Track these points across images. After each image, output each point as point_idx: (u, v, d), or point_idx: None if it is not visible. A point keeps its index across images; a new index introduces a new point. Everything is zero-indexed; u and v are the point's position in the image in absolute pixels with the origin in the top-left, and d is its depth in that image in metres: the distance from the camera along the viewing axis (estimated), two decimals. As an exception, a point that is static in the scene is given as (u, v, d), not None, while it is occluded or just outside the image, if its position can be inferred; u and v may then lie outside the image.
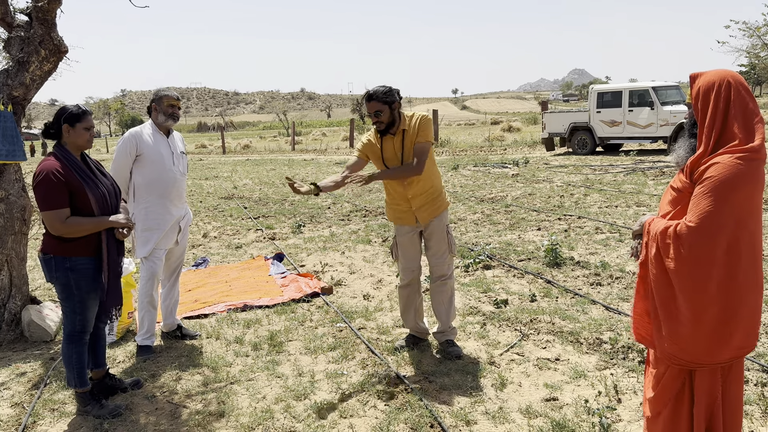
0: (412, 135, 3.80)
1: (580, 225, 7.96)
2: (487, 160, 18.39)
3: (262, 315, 5.03)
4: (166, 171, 4.20)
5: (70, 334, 3.35)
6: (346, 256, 7.04)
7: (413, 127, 3.79)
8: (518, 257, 6.45)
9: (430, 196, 3.91)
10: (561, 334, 4.26)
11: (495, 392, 3.48)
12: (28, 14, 4.52)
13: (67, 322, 3.37)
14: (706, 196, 2.04)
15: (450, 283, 4.04)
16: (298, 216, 10.06)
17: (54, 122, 3.31)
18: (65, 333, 3.37)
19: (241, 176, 18.27)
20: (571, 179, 12.77)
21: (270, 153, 32.64)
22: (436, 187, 3.93)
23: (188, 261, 7.18)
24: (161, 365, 4.10)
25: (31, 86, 4.61)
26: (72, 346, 3.35)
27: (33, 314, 4.69)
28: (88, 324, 3.39)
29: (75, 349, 3.36)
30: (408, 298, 4.12)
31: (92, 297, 3.34)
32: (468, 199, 10.75)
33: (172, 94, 4.27)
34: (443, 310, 4.04)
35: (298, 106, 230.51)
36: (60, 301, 3.36)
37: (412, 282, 4.09)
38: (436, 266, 4.01)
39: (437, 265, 4.00)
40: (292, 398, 3.52)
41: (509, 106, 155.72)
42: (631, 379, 3.51)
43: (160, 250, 4.27)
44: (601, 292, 5.17)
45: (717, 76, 2.16)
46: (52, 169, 3.17)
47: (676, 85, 17.81)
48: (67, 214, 3.19)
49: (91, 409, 3.40)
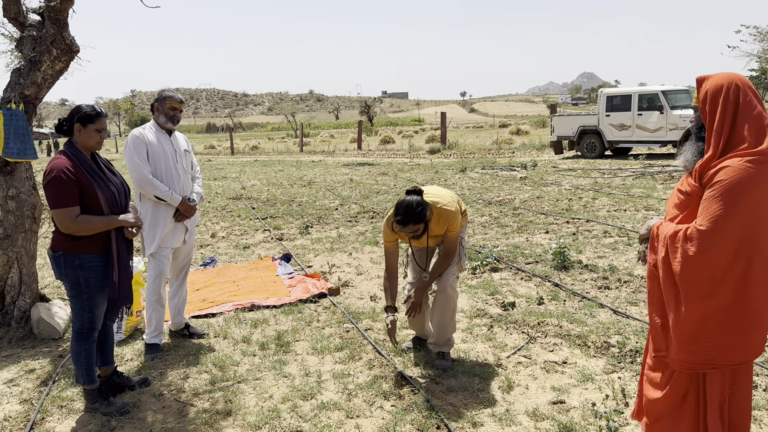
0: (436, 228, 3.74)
1: (588, 228, 7.93)
2: (495, 163, 18.36)
3: (269, 315, 5.04)
4: (169, 168, 4.23)
5: (78, 332, 3.37)
6: (353, 258, 7.05)
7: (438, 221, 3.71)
8: (526, 260, 6.43)
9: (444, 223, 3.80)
10: (568, 337, 4.25)
11: (502, 394, 3.47)
12: (41, 14, 4.55)
13: (76, 320, 3.38)
14: (717, 199, 2.03)
15: (452, 295, 3.82)
16: (306, 217, 10.08)
17: (68, 119, 3.34)
18: (74, 330, 3.39)
19: (249, 177, 18.33)
20: (579, 183, 12.73)
21: (278, 154, 32.73)
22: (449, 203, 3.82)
23: (196, 261, 7.21)
24: (169, 364, 4.11)
25: (43, 85, 4.64)
26: (81, 343, 3.37)
27: (42, 312, 4.73)
28: (97, 321, 3.41)
29: (83, 347, 3.37)
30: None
31: (101, 294, 3.35)
32: (476, 202, 10.73)
33: (175, 96, 4.27)
34: (442, 323, 3.87)
35: (306, 107, 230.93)
36: (69, 298, 3.37)
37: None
38: (443, 276, 3.87)
39: (443, 276, 3.86)
40: (298, 398, 3.53)
41: (518, 109, 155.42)
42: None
43: (167, 249, 4.29)
44: (609, 295, 5.15)
45: (725, 79, 2.15)
46: (62, 167, 3.19)
47: (686, 89, 17.72)
48: (78, 212, 3.21)
49: (98, 407, 3.42)
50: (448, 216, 3.69)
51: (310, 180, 16.35)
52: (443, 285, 3.85)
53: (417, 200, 3.54)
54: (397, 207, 3.56)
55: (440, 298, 3.87)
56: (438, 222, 3.70)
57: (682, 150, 2.35)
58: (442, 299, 3.86)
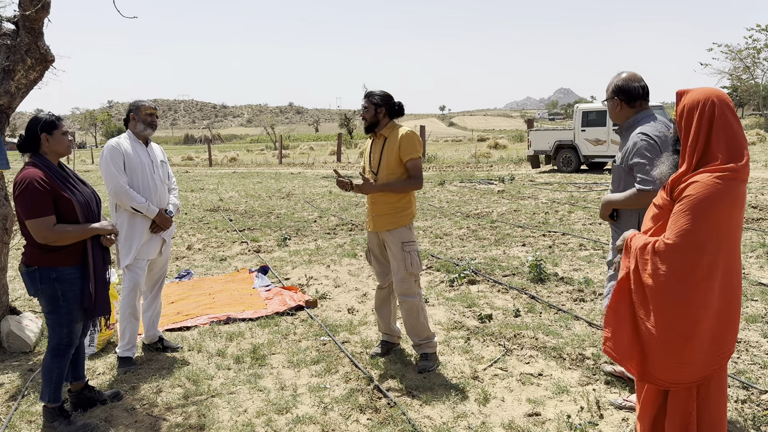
0: (392, 146, 3.93)
1: (564, 241, 8.01)
2: (474, 177, 18.49)
3: (245, 328, 4.99)
4: (146, 179, 4.19)
5: (56, 348, 3.27)
6: (331, 270, 7.03)
7: (396, 140, 3.92)
8: (503, 272, 6.47)
9: (392, 207, 3.95)
10: (544, 349, 4.27)
11: (478, 407, 3.47)
12: (15, 23, 4.50)
13: (53, 336, 3.27)
14: (684, 214, 2.07)
15: (412, 301, 3.98)
16: (284, 229, 10.04)
17: (29, 133, 3.23)
18: (50, 346, 3.28)
19: (227, 189, 18.21)
20: (555, 196, 12.87)
21: (257, 166, 32.58)
22: (401, 203, 3.97)
23: (172, 273, 7.13)
24: (142, 377, 4.05)
25: (17, 95, 4.58)
26: (56, 360, 3.27)
27: (12, 325, 4.62)
28: (75, 336, 3.32)
29: (58, 364, 3.27)
30: (383, 299, 4.27)
31: (79, 308, 3.27)
32: (454, 215, 10.79)
33: (149, 103, 4.30)
34: (409, 326, 4.05)
35: (286, 119, 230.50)
36: (46, 314, 3.26)
37: (387, 287, 4.22)
38: (396, 284, 4.01)
39: (396, 283, 4.01)
40: (273, 412, 3.49)
41: (496, 124, 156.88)
42: (613, 394, 3.53)
43: (142, 261, 4.24)
44: (585, 308, 5.20)
45: (702, 95, 2.17)
46: (35, 177, 3.12)
47: (660, 105, 18.07)
48: (54, 222, 3.14)
49: (57, 426, 3.29)
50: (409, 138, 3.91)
51: (289, 192, 16.29)
52: (399, 290, 4.00)
53: (387, 94, 4.00)
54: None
55: (401, 303, 4.04)
56: (395, 139, 3.92)
57: (658, 162, 2.39)
58: (402, 304, 4.02)
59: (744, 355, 4.04)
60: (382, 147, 3.99)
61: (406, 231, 3.98)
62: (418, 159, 3.94)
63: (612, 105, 3.37)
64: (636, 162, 3.18)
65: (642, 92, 3.32)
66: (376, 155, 4.02)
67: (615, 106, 3.34)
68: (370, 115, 3.98)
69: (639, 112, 3.36)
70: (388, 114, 4.00)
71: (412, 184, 3.93)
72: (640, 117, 3.34)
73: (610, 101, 3.39)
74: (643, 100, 3.34)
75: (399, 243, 3.95)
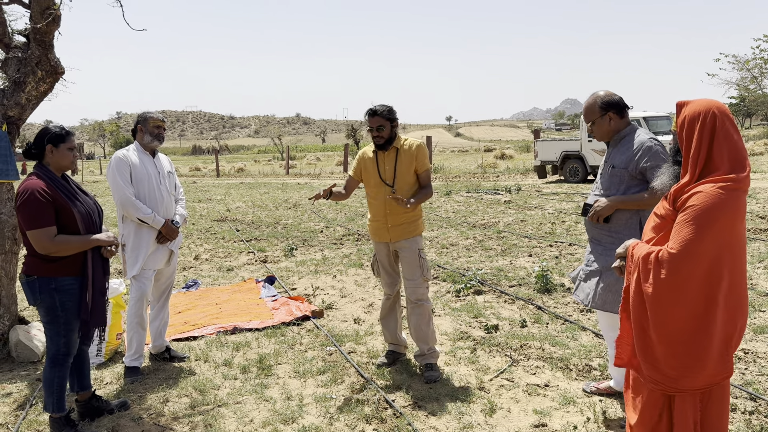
0: (407, 158, 4.02)
1: (571, 252, 8.00)
2: (480, 187, 18.50)
3: (251, 338, 5.01)
4: (153, 190, 4.23)
5: (54, 357, 3.29)
6: (337, 280, 7.04)
7: (410, 152, 4.02)
8: (509, 283, 6.47)
9: (409, 217, 4.05)
10: (551, 360, 4.26)
11: (484, 417, 3.47)
12: (27, 36, 4.57)
13: (51, 345, 3.30)
14: (688, 224, 2.08)
15: (426, 306, 4.09)
16: (291, 239, 10.07)
17: (36, 142, 3.29)
18: (49, 356, 3.30)
19: (234, 199, 18.28)
20: (562, 206, 12.85)
21: (264, 177, 32.70)
22: (416, 212, 4.10)
23: (179, 283, 7.16)
24: (149, 387, 4.07)
25: (27, 106, 4.64)
26: (55, 370, 3.28)
27: (21, 334, 4.66)
28: (73, 346, 3.34)
29: (58, 373, 3.29)
30: (390, 309, 4.30)
31: (77, 318, 3.29)
32: (460, 225, 10.79)
33: (157, 115, 4.34)
34: (420, 333, 4.09)
35: (293, 130, 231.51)
36: (44, 324, 3.28)
37: (394, 296, 4.27)
38: (411, 290, 4.09)
39: (411, 288, 4.09)
40: (279, 422, 3.50)
41: (502, 134, 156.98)
42: (620, 405, 3.51)
43: (149, 271, 4.27)
44: (591, 318, 5.18)
45: (702, 106, 2.20)
46: (37, 187, 3.15)
47: (666, 115, 18.05)
48: (55, 232, 3.17)
49: None
50: (424, 151, 4.04)
51: (296, 202, 16.34)
52: (415, 296, 4.06)
53: (390, 106, 4.03)
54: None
55: (414, 308, 4.08)
56: (409, 151, 4.02)
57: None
58: (416, 309, 4.07)
59: (752, 366, 4.01)
60: (395, 159, 4.04)
61: (420, 239, 4.12)
62: (430, 170, 4.13)
63: (602, 122, 3.42)
64: (654, 164, 3.24)
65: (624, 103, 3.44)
66: (389, 167, 4.05)
67: (606, 121, 3.40)
68: (387, 132, 4.00)
69: (628, 124, 3.45)
70: (398, 125, 4.10)
71: (430, 193, 4.08)
72: (632, 127, 3.46)
73: (599, 120, 3.42)
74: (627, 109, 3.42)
75: (416, 250, 4.05)
